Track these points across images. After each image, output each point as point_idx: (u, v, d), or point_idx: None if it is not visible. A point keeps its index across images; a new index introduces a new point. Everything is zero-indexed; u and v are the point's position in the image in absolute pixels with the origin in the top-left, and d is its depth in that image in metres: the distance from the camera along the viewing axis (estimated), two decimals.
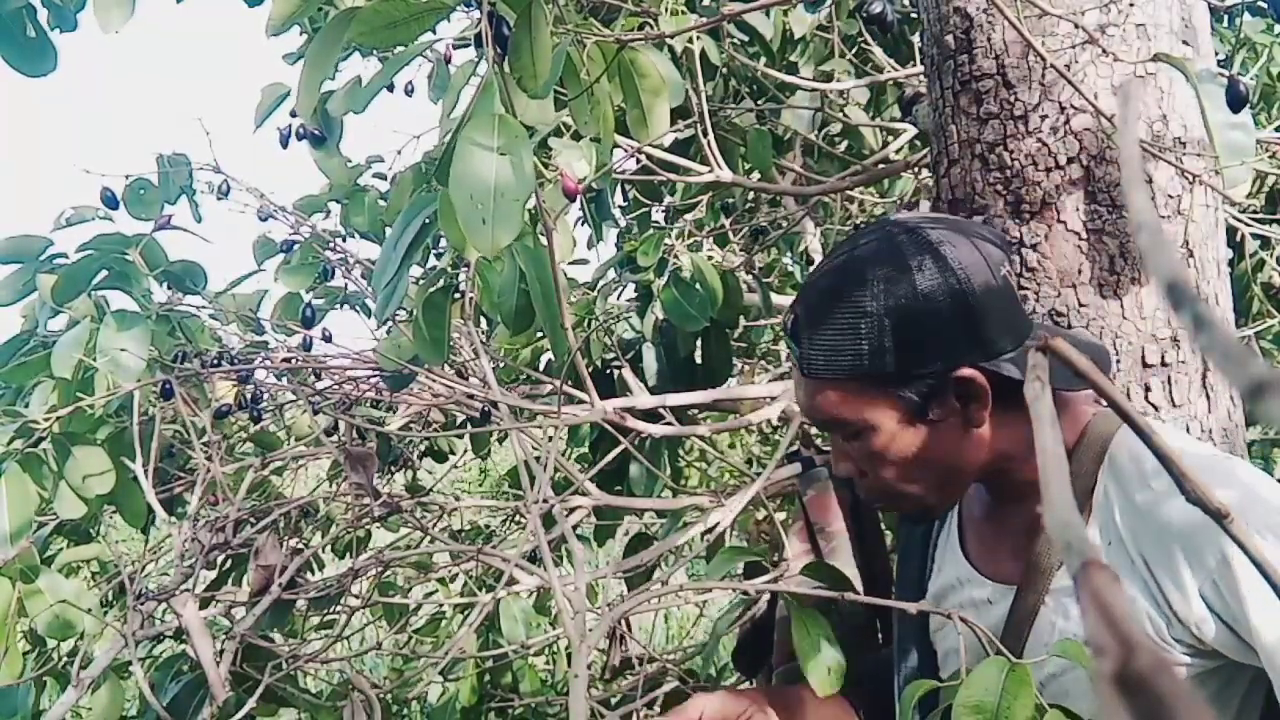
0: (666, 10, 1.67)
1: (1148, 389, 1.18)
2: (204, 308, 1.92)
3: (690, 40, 1.73)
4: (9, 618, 1.48)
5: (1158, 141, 1.20)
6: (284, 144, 2.03)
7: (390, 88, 2.07)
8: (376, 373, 1.93)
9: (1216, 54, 1.94)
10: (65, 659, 1.76)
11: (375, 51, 2.09)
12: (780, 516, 2.05)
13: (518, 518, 2.52)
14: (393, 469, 2.36)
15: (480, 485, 4.55)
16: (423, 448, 2.54)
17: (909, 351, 0.90)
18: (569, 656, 2.37)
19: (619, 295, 2.21)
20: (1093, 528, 0.91)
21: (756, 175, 2.25)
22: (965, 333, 0.91)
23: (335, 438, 2.04)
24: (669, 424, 1.59)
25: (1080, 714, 0.81)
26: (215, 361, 1.76)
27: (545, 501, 1.22)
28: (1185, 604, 0.84)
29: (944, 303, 0.90)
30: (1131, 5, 1.20)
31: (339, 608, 1.98)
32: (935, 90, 1.31)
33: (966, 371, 0.90)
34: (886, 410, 0.93)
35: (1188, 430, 1.16)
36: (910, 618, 1.07)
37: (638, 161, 2.16)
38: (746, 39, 2.46)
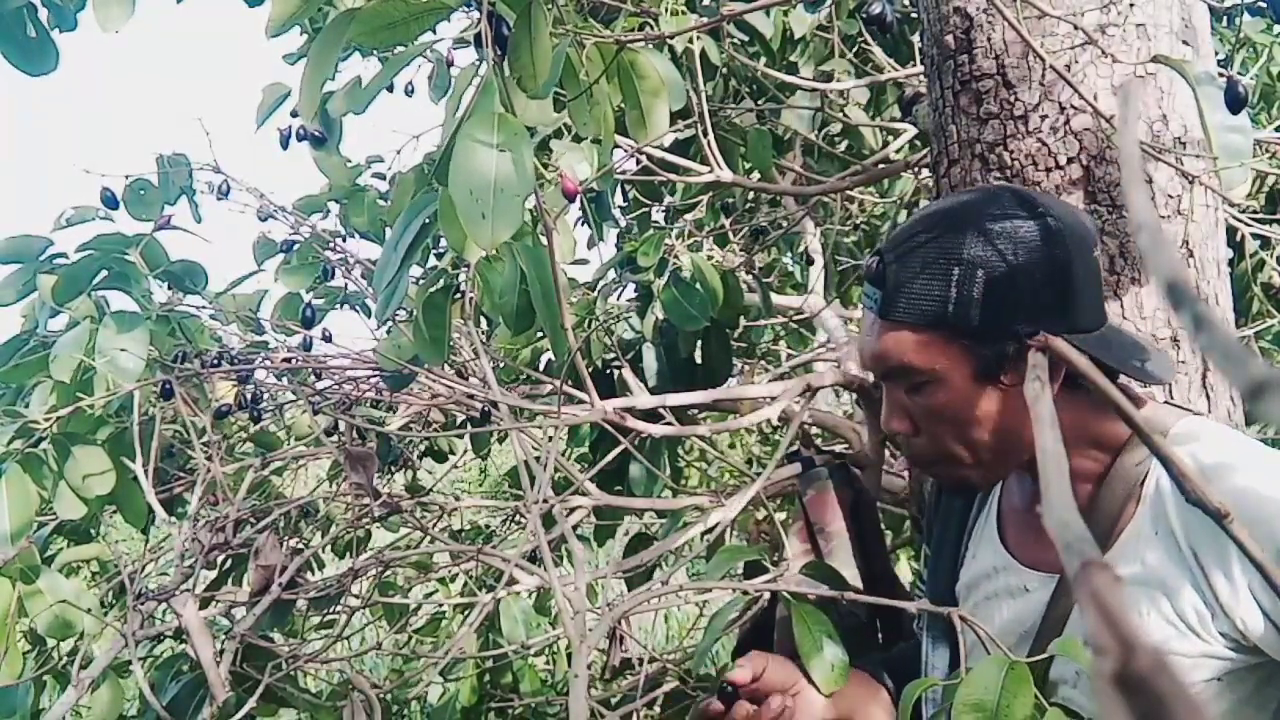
0: (666, 10, 1.67)
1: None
2: (204, 308, 1.92)
3: (690, 40, 1.73)
4: (9, 618, 1.48)
5: (1158, 141, 1.20)
6: (284, 144, 2.03)
7: (390, 88, 2.08)
8: (376, 373, 1.93)
9: (1216, 54, 1.94)
10: (65, 659, 1.76)
11: (375, 52, 2.10)
12: (780, 516, 2.05)
13: (518, 518, 2.52)
14: (393, 469, 2.37)
15: (480, 485, 4.55)
16: (423, 448, 2.54)
17: (996, 307, 0.89)
18: (569, 656, 2.38)
19: (619, 295, 2.21)
20: (1141, 518, 0.91)
21: (756, 175, 2.25)
22: (1054, 300, 0.90)
23: (335, 438, 2.04)
24: (669, 424, 1.59)
25: None
26: (215, 361, 1.76)
27: (545, 501, 1.22)
28: (1233, 598, 0.84)
29: (1041, 266, 0.89)
30: (1131, 5, 1.20)
31: (339, 608, 1.98)
32: (935, 90, 1.31)
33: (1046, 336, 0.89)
34: (960, 365, 0.92)
35: None
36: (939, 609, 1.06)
37: (638, 162, 2.16)
38: (746, 39, 2.46)
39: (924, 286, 0.91)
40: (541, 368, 2.34)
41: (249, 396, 1.94)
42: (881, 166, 2.13)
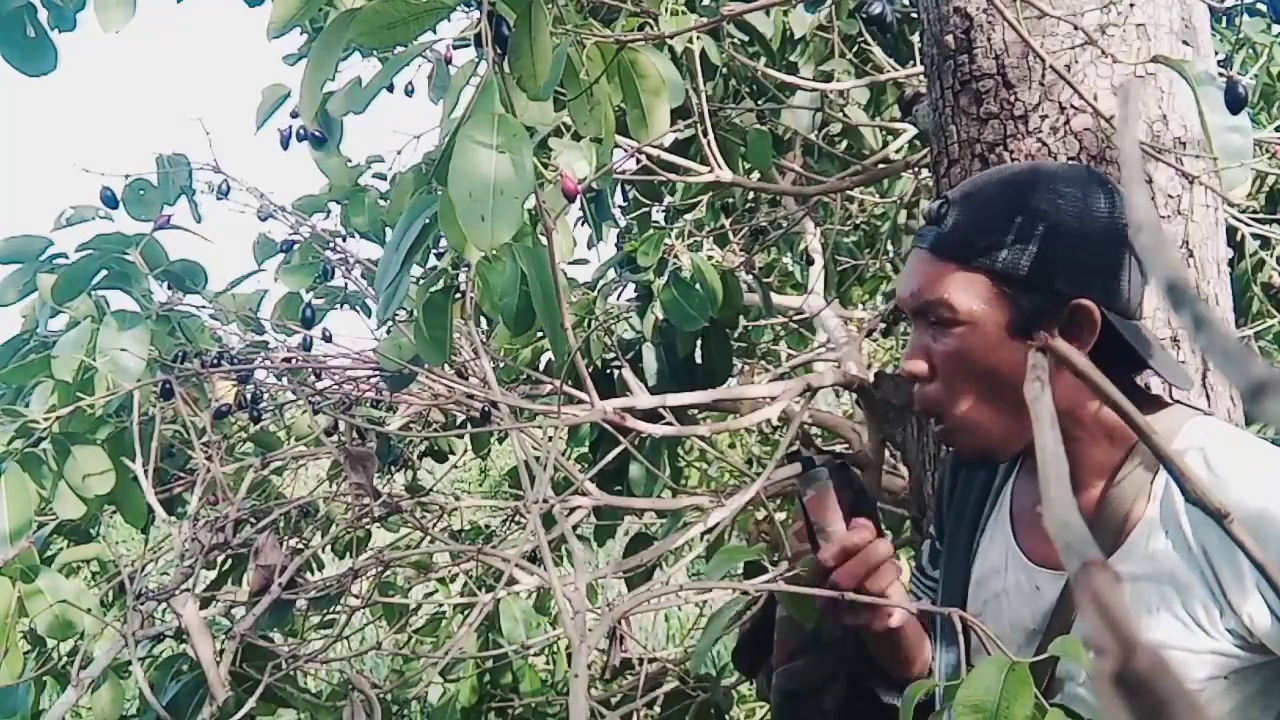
0: (666, 10, 1.67)
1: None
2: (204, 308, 1.92)
3: (690, 40, 1.73)
4: (9, 618, 1.48)
5: (1158, 141, 1.20)
6: (284, 145, 2.03)
7: (390, 88, 2.07)
8: (376, 373, 1.93)
9: (1216, 54, 1.94)
10: (65, 659, 1.76)
11: (375, 52, 2.10)
12: (780, 516, 2.05)
13: (518, 518, 2.52)
14: (393, 469, 2.36)
15: (480, 485, 4.55)
16: (423, 448, 2.54)
17: (1047, 262, 0.90)
18: (569, 656, 2.38)
19: (619, 295, 2.21)
20: (1152, 514, 0.92)
21: (756, 175, 2.25)
22: (1104, 271, 0.91)
23: (335, 438, 2.04)
24: (669, 424, 1.59)
25: None
26: (215, 361, 1.76)
27: (545, 501, 1.22)
28: (1241, 595, 0.85)
29: (1100, 235, 0.91)
30: (1131, 5, 1.20)
31: (339, 608, 1.98)
32: (935, 90, 1.31)
33: (1087, 302, 0.90)
34: (996, 312, 0.92)
35: None
36: (950, 606, 1.06)
37: (638, 161, 2.16)
38: (746, 39, 2.46)
39: (983, 226, 0.93)
40: (541, 368, 2.34)
41: (249, 396, 1.94)
42: (881, 166, 2.14)
